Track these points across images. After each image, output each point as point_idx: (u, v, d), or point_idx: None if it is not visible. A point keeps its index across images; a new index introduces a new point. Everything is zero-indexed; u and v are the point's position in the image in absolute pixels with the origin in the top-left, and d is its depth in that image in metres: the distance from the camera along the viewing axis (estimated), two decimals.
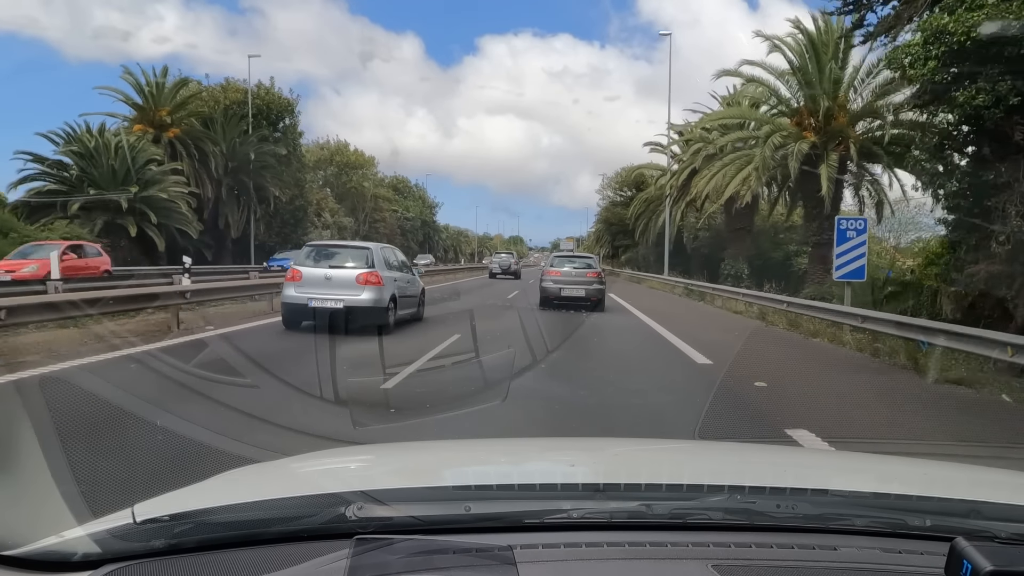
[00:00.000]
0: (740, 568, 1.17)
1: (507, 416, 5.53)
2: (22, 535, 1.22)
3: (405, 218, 70.27)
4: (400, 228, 67.22)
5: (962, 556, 0.95)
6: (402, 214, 69.43)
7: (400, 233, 65.76)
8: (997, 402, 7.31)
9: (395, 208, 68.25)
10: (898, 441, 5.43)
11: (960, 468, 2.19)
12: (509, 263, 39.67)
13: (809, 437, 5.21)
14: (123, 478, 3.80)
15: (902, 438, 5.58)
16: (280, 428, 4.81)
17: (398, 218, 67.57)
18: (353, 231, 54.37)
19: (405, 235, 68.12)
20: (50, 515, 1.65)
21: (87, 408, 5.44)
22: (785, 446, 4.71)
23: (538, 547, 1.21)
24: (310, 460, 1.96)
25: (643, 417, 6.04)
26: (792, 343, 12.28)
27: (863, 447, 5.04)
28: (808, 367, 9.62)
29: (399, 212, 68.79)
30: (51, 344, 8.47)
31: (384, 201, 65.64)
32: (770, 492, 1.42)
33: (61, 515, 1.57)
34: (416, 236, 73.74)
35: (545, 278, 17.09)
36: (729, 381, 7.55)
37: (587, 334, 12.29)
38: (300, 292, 10.86)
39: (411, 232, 71.10)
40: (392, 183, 74.46)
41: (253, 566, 1.15)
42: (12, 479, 2.22)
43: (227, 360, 7.92)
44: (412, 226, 72.16)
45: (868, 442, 5.39)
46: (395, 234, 62.91)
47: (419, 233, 75.59)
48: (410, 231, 71.10)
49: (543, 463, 1.96)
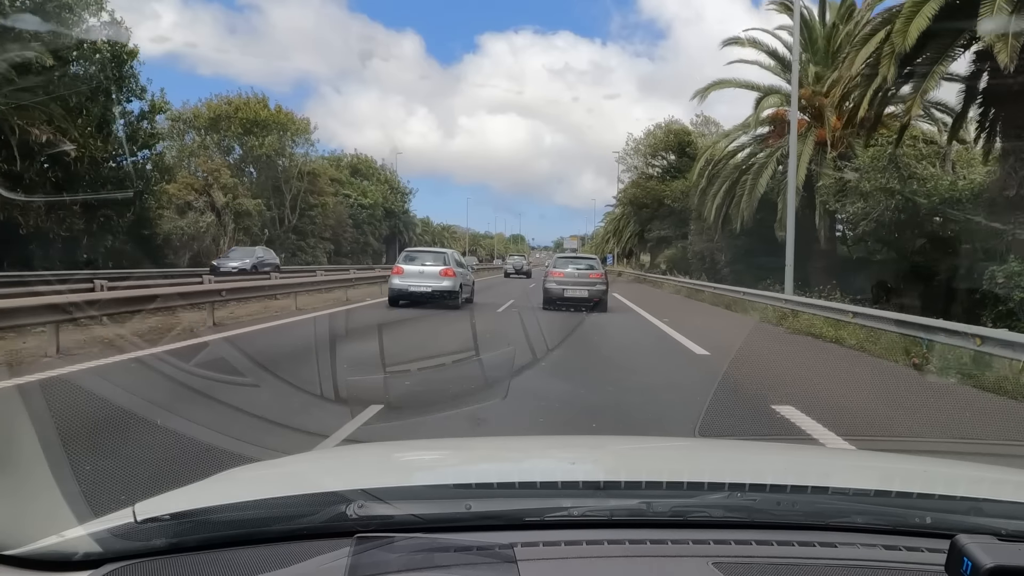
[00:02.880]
0: (741, 565, 1.17)
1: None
2: (23, 535, 1.22)
3: (360, 205, 53.38)
4: (352, 218, 51.59)
5: (963, 553, 0.95)
6: (356, 200, 52.95)
7: (353, 225, 51.60)
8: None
9: (348, 192, 52.62)
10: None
11: (961, 465, 2.19)
12: (522, 264, 47.04)
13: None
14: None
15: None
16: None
17: (349, 205, 51.71)
18: (269, 220, 40.96)
19: (360, 227, 53.26)
20: (51, 515, 1.65)
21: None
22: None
23: (539, 545, 1.21)
24: (311, 458, 1.96)
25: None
26: None
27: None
28: None
29: (352, 197, 52.64)
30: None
31: (331, 183, 50.22)
32: (771, 490, 1.42)
33: (62, 514, 1.57)
34: (378, 229, 57.58)
35: (548, 279, 17.17)
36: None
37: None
38: (402, 281, 16.24)
39: (370, 223, 55.24)
40: (352, 163, 60.49)
41: (254, 565, 1.15)
42: (13, 479, 2.22)
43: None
44: (371, 216, 55.45)
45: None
46: (343, 226, 49.57)
47: (382, 225, 58.98)
48: (367, 222, 54.65)
49: (544, 461, 1.96)
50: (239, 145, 42.82)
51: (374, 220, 56.72)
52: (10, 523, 1.38)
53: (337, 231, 48.63)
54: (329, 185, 49.27)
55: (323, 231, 46.55)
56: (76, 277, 15.78)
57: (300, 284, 17.45)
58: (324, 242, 46.29)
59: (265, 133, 41.96)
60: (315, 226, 45.60)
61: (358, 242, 53.17)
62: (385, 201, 60.23)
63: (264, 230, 38.38)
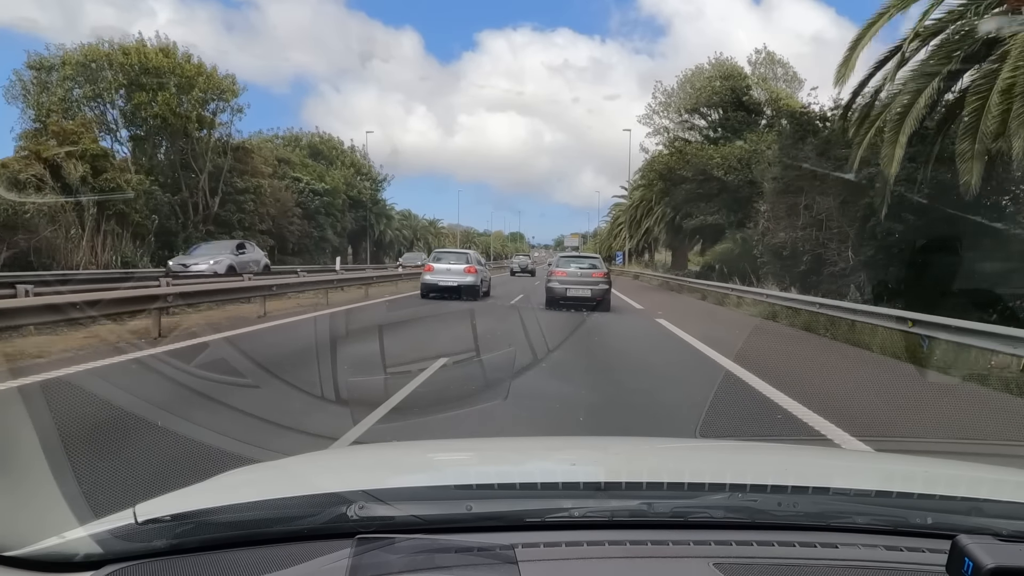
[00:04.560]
0: (742, 566, 1.17)
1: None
2: (24, 536, 1.22)
3: (312, 191, 43.48)
4: (302, 207, 41.82)
5: (964, 553, 0.95)
6: (306, 185, 43.31)
7: (303, 216, 41.54)
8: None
9: (298, 175, 43.15)
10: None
11: (962, 466, 2.19)
12: (527, 263, 49.24)
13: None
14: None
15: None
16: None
17: (298, 191, 42.03)
18: (169, 205, 29.46)
19: (313, 218, 43.24)
20: (52, 515, 1.65)
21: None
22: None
23: (540, 546, 1.21)
24: (311, 459, 1.96)
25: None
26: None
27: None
28: None
29: (303, 182, 43.10)
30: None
31: (274, 163, 40.86)
32: (771, 490, 1.43)
33: (62, 515, 1.57)
34: (339, 221, 47.19)
35: (551, 279, 17.11)
36: None
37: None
38: (433, 277, 19.32)
39: (328, 214, 45.33)
40: (312, 143, 51.42)
41: (255, 566, 1.15)
42: (13, 480, 2.23)
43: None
44: (329, 205, 45.34)
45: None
46: (287, 216, 39.16)
47: (345, 217, 48.56)
48: (323, 212, 44.67)
49: (544, 462, 1.96)
50: (125, 101, 30.27)
51: (333, 210, 46.22)
52: (11, 524, 1.38)
53: (281, 222, 38.88)
54: (267, 165, 39.12)
55: (258, 222, 36.06)
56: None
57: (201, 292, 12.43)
58: (259, 235, 35.43)
59: (160, 88, 29.56)
60: (245, 215, 34.85)
61: (310, 236, 43.60)
62: (349, 188, 49.67)
63: (152, 217, 27.12)
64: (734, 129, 30.12)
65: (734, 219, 27.71)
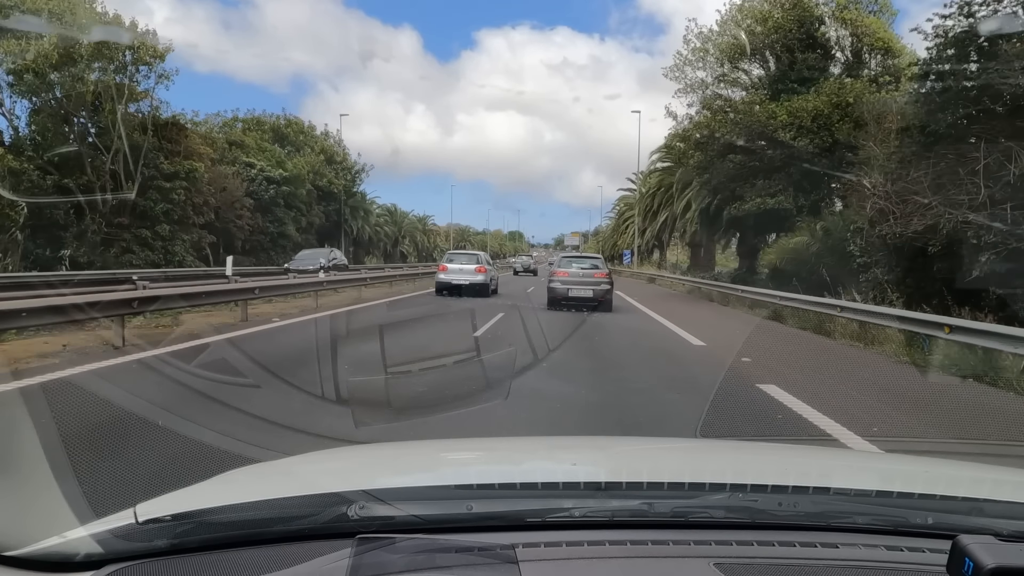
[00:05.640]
0: (742, 566, 1.17)
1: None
2: (24, 535, 1.22)
3: (267, 179, 36.99)
4: (254, 198, 35.53)
5: (964, 553, 0.95)
6: (259, 172, 36.82)
7: (257, 207, 35.48)
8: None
9: (251, 161, 36.90)
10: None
11: (962, 466, 2.19)
12: (529, 263, 50.22)
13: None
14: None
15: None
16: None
17: (249, 178, 35.79)
18: (54, 193, 23.31)
19: (268, 210, 36.91)
20: (52, 515, 1.65)
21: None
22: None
23: (540, 546, 1.21)
24: (312, 459, 1.96)
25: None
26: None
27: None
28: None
29: (256, 168, 36.69)
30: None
31: (217, 145, 34.98)
32: (772, 490, 1.43)
33: (63, 515, 1.57)
34: (303, 214, 41.13)
35: (553, 279, 17.09)
36: None
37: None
38: (447, 276, 20.74)
39: (289, 206, 39.16)
40: (276, 125, 45.08)
41: (255, 566, 1.15)
42: (14, 480, 2.23)
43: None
44: (290, 196, 38.97)
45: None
46: (232, 207, 32.95)
47: (312, 210, 42.54)
48: (282, 203, 38.30)
49: (545, 462, 1.96)
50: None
51: (297, 202, 39.82)
52: (11, 524, 1.38)
53: (228, 215, 32.95)
54: (210, 147, 33.07)
55: (193, 213, 29.89)
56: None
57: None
58: (196, 230, 30.27)
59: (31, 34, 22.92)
60: (173, 206, 28.34)
61: (265, 232, 37.12)
62: (318, 177, 43.28)
63: (18, 206, 21.41)
64: (802, 79, 21.31)
65: (806, 202, 20.37)
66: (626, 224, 55.29)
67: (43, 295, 9.43)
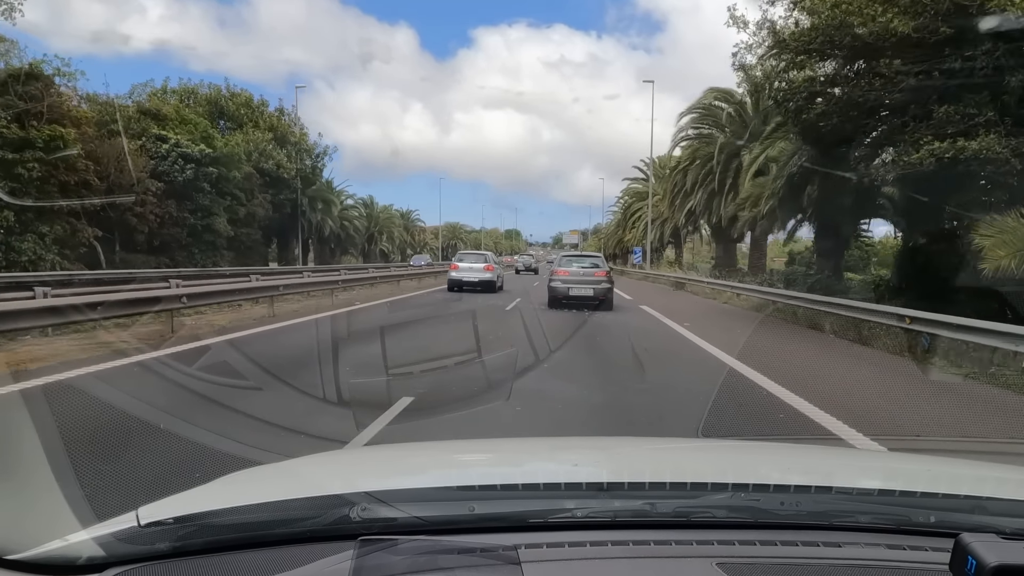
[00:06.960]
0: (745, 566, 1.17)
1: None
2: (27, 539, 1.22)
3: (183, 156, 29.33)
4: (166, 180, 28.61)
5: (967, 552, 0.95)
6: (172, 147, 29.23)
7: (165, 193, 28.28)
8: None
9: (163, 133, 29.29)
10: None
11: (965, 464, 2.19)
12: (531, 262, 51.30)
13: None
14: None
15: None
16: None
17: (159, 155, 28.70)
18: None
19: (186, 198, 29.82)
20: (54, 518, 1.65)
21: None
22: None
23: (542, 547, 1.21)
24: (313, 461, 1.96)
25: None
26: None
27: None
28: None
29: (170, 143, 29.15)
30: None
31: (110, 112, 27.64)
32: (774, 490, 1.42)
33: (65, 518, 1.57)
34: (239, 203, 33.47)
35: (554, 278, 17.10)
36: None
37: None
38: (458, 274, 22.84)
39: (216, 192, 31.56)
40: (211, 97, 37.95)
41: (258, 568, 1.15)
42: (16, 483, 2.23)
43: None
44: (217, 180, 31.24)
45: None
46: (131, 191, 25.04)
47: (253, 199, 34.87)
48: (204, 188, 30.58)
49: (547, 463, 1.96)
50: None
51: (230, 188, 32.14)
52: (14, 527, 1.38)
53: (122, 203, 25.64)
54: (98, 112, 26.94)
55: (57, 192, 22.78)
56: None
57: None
58: (66, 221, 23.30)
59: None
60: (24, 185, 21.37)
61: (182, 224, 30.03)
62: (263, 159, 36.01)
63: None
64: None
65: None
66: (633, 218, 49.44)
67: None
